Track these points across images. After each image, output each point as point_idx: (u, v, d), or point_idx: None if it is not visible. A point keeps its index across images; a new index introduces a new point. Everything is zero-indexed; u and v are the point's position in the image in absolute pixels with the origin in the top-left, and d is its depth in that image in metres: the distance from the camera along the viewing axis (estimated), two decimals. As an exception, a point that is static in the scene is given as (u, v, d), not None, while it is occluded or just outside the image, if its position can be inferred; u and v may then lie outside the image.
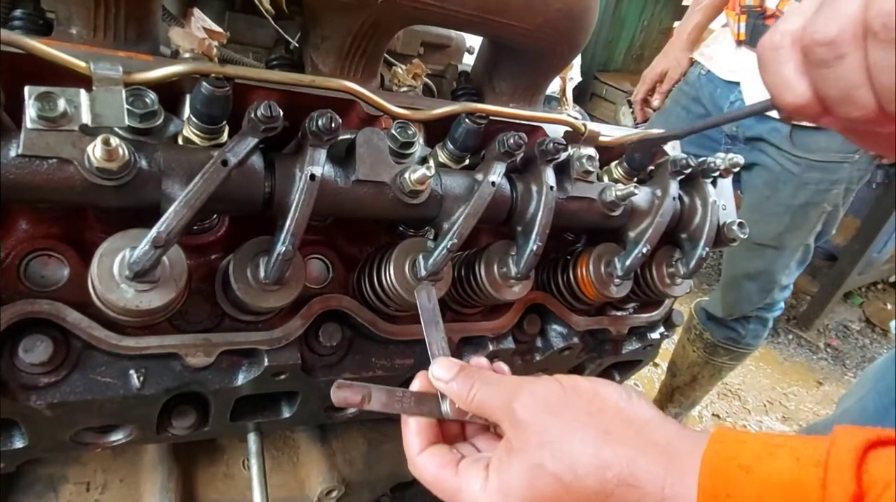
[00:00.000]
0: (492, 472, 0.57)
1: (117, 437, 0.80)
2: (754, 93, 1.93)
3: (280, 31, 1.10)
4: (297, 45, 1.06)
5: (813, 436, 0.48)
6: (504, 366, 0.69)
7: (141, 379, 0.71)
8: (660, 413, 0.57)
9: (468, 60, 1.51)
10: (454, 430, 0.67)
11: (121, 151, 0.56)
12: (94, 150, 0.56)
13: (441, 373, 0.64)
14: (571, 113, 1.10)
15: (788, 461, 0.46)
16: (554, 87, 1.23)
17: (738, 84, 2.00)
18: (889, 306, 4.62)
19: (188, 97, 0.72)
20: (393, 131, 0.78)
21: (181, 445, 1.08)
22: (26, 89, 0.56)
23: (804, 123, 1.87)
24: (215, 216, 0.80)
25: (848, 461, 0.43)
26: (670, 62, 2.28)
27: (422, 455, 0.62)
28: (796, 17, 0.50)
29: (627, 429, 0.54)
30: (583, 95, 5.55)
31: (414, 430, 0.64)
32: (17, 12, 0.78)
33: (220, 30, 0.87)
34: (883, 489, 0.41)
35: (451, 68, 1.35)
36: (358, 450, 1.25)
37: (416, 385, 0.67)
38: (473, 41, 1.50)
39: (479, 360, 0.69)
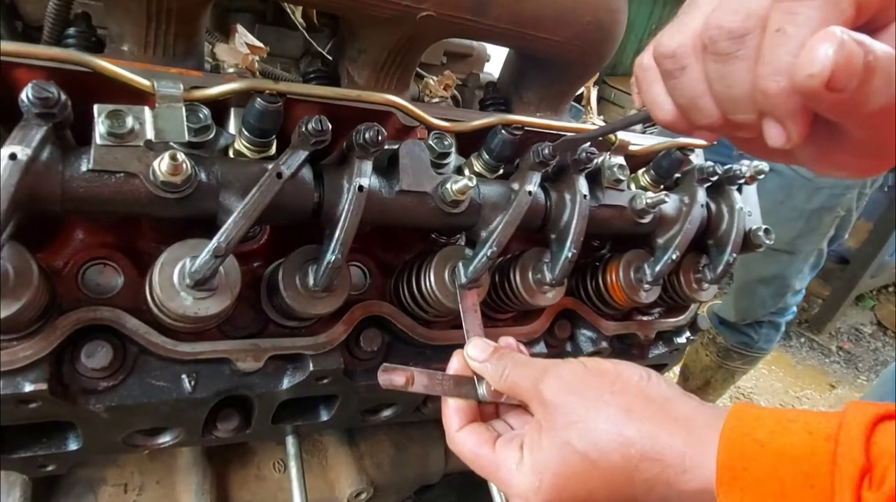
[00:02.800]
0: (525, 451, 0.60)
1: (165, 439, 0.82)
2: None
3: (313, 42, 1.13)
4: (328, 56, 1.09)
5: (826, 412, 0.50)
6: (524, 349, 0.74)
7: (193, 383, 0.73)
8: (679, 390, 0.60)
9: (487, 68, 1.53)
10: (489, 408, 0.71)
11: (185, 166, 0.59)
12: (161, 165, 0.58)
13: (476, 353, 0.69)
14: (597, 121, 1.13)
15: (801, 435, 0.48)
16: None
17: None
18: (901, 309, 4.60)
19: (233, 110, 0.75)
20: (430, 142, 0.81)
21: (214, 448, 1.10)
22: (95, 107, 0.59)
23: None
24: (258, 226, 0.83)
25: (857, 434, 0.45)
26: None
27: (461, 432, 0.66)
28: (661, 37, 0.53)
29: (648, 407, 0.57)
30: (591, 99, 5.55)
31: (453, 408, 0.68)
32: (71, 30, 0.80)
33: (260, 45, 0.90)
34: (890, 461, 0.43)
35: (472, 77, 1.38)
36: (385, 453, 1.27)
37: (454, 364, 0.71)
38: (492, 49, 1.53)
39: (509, 341, 0.73)
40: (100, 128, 0.58)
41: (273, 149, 0.73)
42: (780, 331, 2.50)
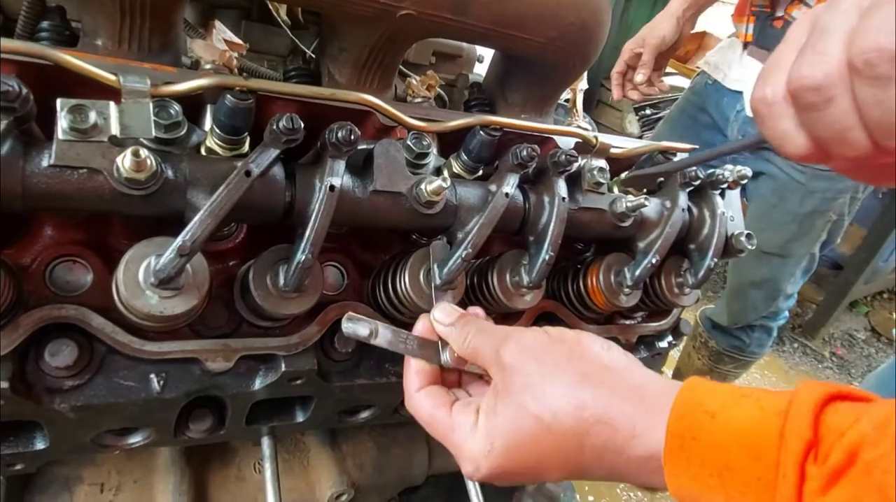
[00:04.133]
0: (481, 415, 0.61)
1: (136, 440, 0.81)
2: None
3: (296, 40, 1.12)
4: (312, 55, 1.08)
5: (779, 391, 0.50)
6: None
7: (161, 382, 0.72)
8: (638, 362, 0.60)
9: (478, 70, 1.53)
10: (451, 378, 0.71)
11: (149, 162, 0.58)
12: (124, 161, 0.57)
13: (442, 316, 0.69)
14: (582, 124, 1.12)
15: (752, 409, 0.48)
16: (564, 94, 1.25)
17: (742, 93, 2.01)
18: (894, 315, 4.60)
19: (209, 107, 0.75)
20: (408, 142, 0.80)
21: (194, 448, 1.09)
22: (58, 101, 0.58)
23: None
24: (234, 224, 0.82)
25: (806, 411, 0.45)
26: (649, 28, 1.97)
27: (420, 392, 0.66)
28: (782, 69, 0.50)
29: (605, 373, 0.57)
30: (589, 102, 5.55)
31: (414, 369, 0.68)
32: (44, 24, 0.80)
33: (239, 41, 0.89)
34: (837, 437, 0.43)
35: (462, 78, 1.37)
36: (367, 454, 1.26)
37: (419, 326, 0.71)
38: (483, 51, 1.52)
39: (476, 310, 0.73)
40: (62, 122, 0.57)
41: (246, 147, 0.72)
42: (772, 336, 2.50)
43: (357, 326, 0.67)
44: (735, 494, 0.46)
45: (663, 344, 1.12)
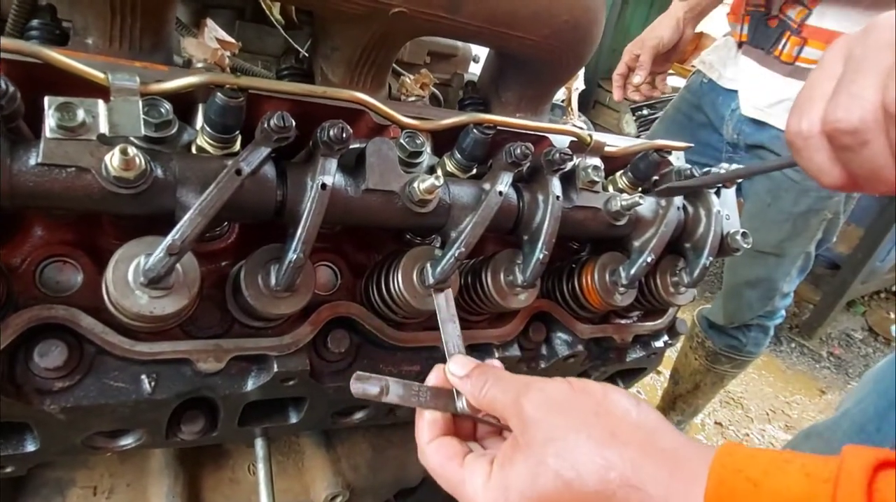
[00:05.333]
0: (495, 467, 0.57)
1: (127, 442, 0.81)
2: (751, 101, 1.94)
3: (290, 40, 1.12)
4: (306, 54, 1.07)
5: (823, 456, 0.47)
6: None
7: (152, 383, 0.72)
8: (669, 423, 0.57)
9: (474, 69, 1.52)
10: (466, 431, 0.68)
11: (138, 161, 0.58)
12: (112, 160, 0.57)
13: (457, 369, 0.66)
14: (576, 122, 1.12)
15: (798, 476, 0.46)
16: (560, 94, 1.25)
17: (737, 92, 2.01)
18: (892, 315, 4.61)
19: (201, 106, 0.74)
20: (402, 141, 0.80)
21: (187, 450, 1.09)
22: (46, 99, 0.57)
23: None
24: (226, 223, 0.81)
25: (859, 478, 0.43)
26: (648, 31, 1.98)
27: (431, 444, 0.64)
28: (818, 103, 0.50)
29: (635, 433, 0.54)
30: (586, 103, 5.56)
31: (427, 420, 0.65)
32: (34, 22, 0.79)
33: (231, 40, 0.89)
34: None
35: (457, 77, 1.37)
36: (363, 456, 1.25)
37: (432, 379, 0.69)
38: (479, 50, 1.52)
39: (494, 362, 0.70)
40: (50, 120, 0.56)
41: (237, 146, 0.71)
42: (768, 335, 2.49)
43: (366, 385, 0.65)
44: None
45: (659, 343, 1.11)
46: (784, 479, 0.46)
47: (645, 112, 4.74)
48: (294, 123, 0.65)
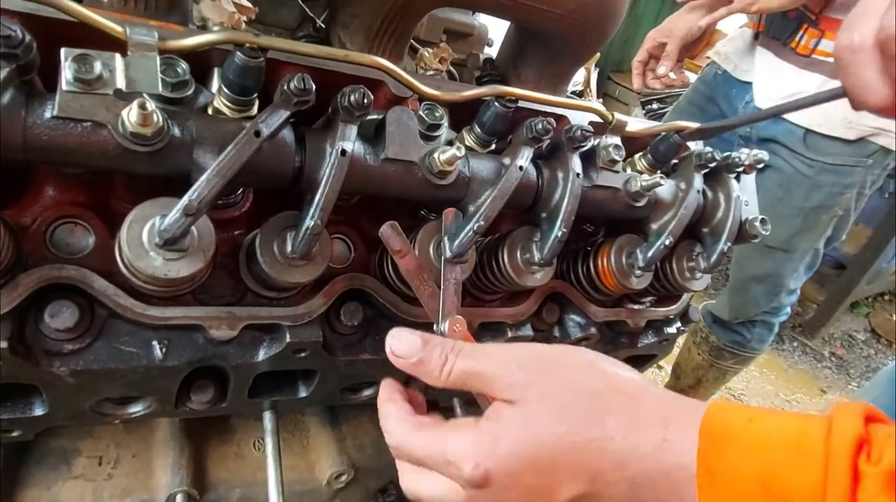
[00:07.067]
0: (482, 421, 0.54)
1: (136, 409, 0.80)
2: (765, 94, 1.92)
3: (306, 9, 1.10)
4: (322, 25, 1.05)
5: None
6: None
7: (164, 350, 0.71)
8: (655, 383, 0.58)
9: (488, 52, 1.50)
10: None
11: (155, 117, 0.56)
12: (130, 115, 0.55)
13: (402, 348, 0.58)
14: (595, 104, 1.10)
15: (790, 416, 0.48)
16: (576, 78, 1.23)
17: (752, 84, 1.98)
18: (895, 317, 4.60)
19: (216, 70, 0.72)
20: (421, 113, 0.78)
21: (194, 424, 1.08)
22: (63, 51, 0.56)
23: (818, 129, 1.86)
24: (240, 191, 0.80)
25: (853, 415, 0.44)
26: (676, 18, 1.92)
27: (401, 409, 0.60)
28: (871, 17, 0.49)
29: (631, 386, 0.55)
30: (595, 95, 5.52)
31: (394, 407, 0.61)
32: (49, -20, 0.77)
33: (248, 4, 0.87)
34: (888, 438, 0.41)
35: (472, 57, 1.35)
36: (368, 436, 1.24)
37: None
38: (494, 33, 1.50)
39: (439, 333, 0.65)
40: (66, 73, 0.55)
41: (255, 110, 0.69)
42: (773, 332, 2.48)
43: (393, 235, 0.64)
44: (778, 500, 0.43)
45: (672, 329, 1.10)
46: (777, 417, 0.48)
47: (655, 106, 4.70)
48: (314, 87, 0.64)
